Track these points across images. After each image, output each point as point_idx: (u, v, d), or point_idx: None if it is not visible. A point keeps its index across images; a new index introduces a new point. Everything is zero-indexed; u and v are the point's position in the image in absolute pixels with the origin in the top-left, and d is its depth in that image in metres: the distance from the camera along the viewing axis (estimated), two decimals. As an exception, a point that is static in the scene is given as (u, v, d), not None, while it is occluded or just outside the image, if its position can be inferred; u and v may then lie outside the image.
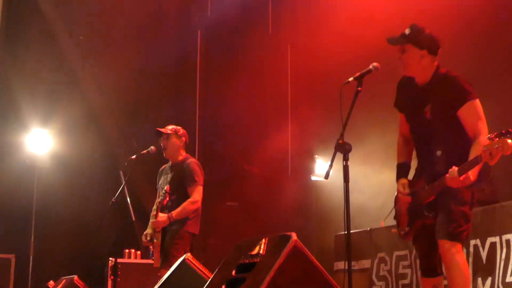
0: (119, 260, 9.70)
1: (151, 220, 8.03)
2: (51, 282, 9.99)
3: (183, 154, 8.33)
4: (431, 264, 5.48)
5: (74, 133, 12.75)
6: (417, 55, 5.40)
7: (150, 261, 8.48)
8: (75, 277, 8.92)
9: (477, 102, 5.26)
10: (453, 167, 5.06)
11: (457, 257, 5.15)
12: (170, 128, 8.31)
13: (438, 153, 5.35)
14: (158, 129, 8.30)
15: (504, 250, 7.40)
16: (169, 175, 8.24)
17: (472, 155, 5.07)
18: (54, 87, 12.96)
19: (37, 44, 13.07)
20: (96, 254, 12.03)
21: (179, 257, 6.93)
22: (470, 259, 7.78)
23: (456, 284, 5.15)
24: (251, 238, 4.95)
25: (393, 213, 5.77)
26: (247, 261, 4.72)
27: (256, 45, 13.63)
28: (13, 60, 12.93)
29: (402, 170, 5.62)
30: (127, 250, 10.98)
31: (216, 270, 5.04)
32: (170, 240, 7.89)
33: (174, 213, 7.87)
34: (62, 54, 13.23)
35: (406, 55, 5.42)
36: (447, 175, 5.09)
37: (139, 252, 10.87)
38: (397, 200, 5.69)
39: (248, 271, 4.62)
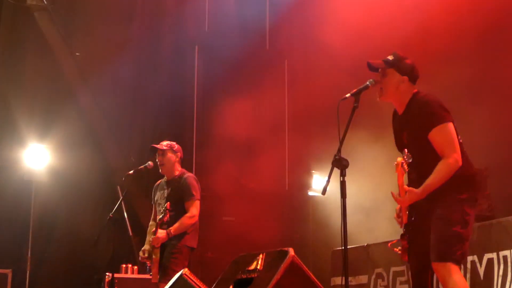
0: (116, 275, 9.69)
1: (150, 237, 8.04)
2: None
3: (179, 169, 8.33)
4: (423, 284, 5.47)
5: (72, 148, 12.74)
6: (397, 80, 5.48)
7: (147, 276, 8.46)
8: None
9: (448, 126, 5.30)
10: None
11: (452, 277, 5.12)
12: (165, 144, 8.31)
13: (413, 176, 5.40)
14: (153, 145, 8.31)
15: (502, 266, 7.38)
16: (166, 191, 8.23)
17: (431, 177, 5.19)
18: (52, 103, 12.96)
19: (34, 60, 13.08)
20: (93, 269, 12.01)
21: (178, 271, 6.93)
22: (468, 275, 7.77)
23: None
24: (248, 253, 4.95)
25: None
26: (244, 276, 4.73)
27: (254, 60, 13.67)
28: (10, 75, 12.94)
29: None
30: (124, 265, 10.96)
31: (214, 285, 5.04)
32: (169, 255, 7.89)
33: (172, 229, 7.87)
34: (59, 70, 13.24)
35: (387, 79, 5.49)
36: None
37: (136, 267, 10.84)
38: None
39: (245, 286, 4.62)
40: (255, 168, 13.15)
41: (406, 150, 5.26)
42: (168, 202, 7.89)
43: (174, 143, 8.39)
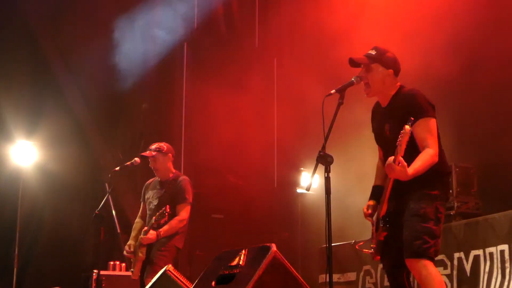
0: (103, 272, 9.68)
1: (135, 233, 8.04)
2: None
3: (173, 171, 8.33)
4: (399, 282, 5.46)
5: (59, 145, 12.71)
6: (383, 75, 5.47)
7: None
8: (58, 288, 8.89)
9: (431, 120, 5.29)
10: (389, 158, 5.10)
11: (426, 272, 5.11)
12: (153, 148, 8.28)
13: None
14: (143, 154, 8.29)
15: (488, 263, 7.41)
16: (159, 191, 8.23)
17: (417, 161, 5.13)
18: (39, 99, 12.92)
19: (21, 56, 13.03)
20: (81, 266, 11.98)
21: None
22: (455, 272, 7.80)
23: None
24: (231, 249, 4.94)
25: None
26: (227, 272, 4.71)
27: (243, 58, 13.65)
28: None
29: (373, 192, 5.63)
30: (111, 262, 10.95)
31: (197, 281, 5.03)
32: (157, 252, 7.91)
33: (162, 231, 7.89)
34: (46, 66, 13.21)
35: (372, 74, 5.47)
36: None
37: (123, 264, 10.83)
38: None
39: (227, 282, 4.61)
40: (243, 166, 13.15)
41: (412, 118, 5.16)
42: (168, 205, 7.89)
43: (163, 144, 8.36)
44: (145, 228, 7.93)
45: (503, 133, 9.17)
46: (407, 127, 4.97)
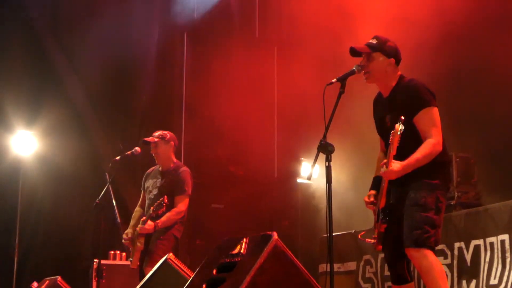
0: (104, 261, 9.69)
1: (134, 222, 8.05)
2: (35, 284, 9.96)
3: (174, 160, 8.31)
4: (400, 272, 5.46)
5: (59, 135, 12.71)
6: (385, 63, 5.46)
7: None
8: (58, 278, 8.90)
9: (433, 110, 5.28)
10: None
11: (426, 261, 5.10)
12: (156, 135, 8.27)
13: (394, 159, 5.36)
14: (145, 139, 8.28)
15: (488, 253, 7.41)
16: (159, 180, 8.22)
17: (416, 152, 5.14)
18: (39, 89, 12.91)
19: (21, 46, 13.01)
20: (81, 255, 12.00)
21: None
22: (455, 262, 7.81)
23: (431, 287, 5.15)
24: (232, 238, 4.95)
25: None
26: (228, 261, 4.72)
27: (243, 48, 13.62)
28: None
29: (374, 183, 5.62)
30: (112, 252, 10.96)
31: (198, 269, 5.04)
32: (157, 241, 7.91)
33: (159, 222, 7.87)
34: (46, 56, 13.19)
35: (374, 63, 5.45)
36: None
37: (124, 253, 10.84)
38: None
39: (228, 270, 4.61)
40: (244, 156, 13.15)
41: (402, 117, 5.16)
42: (166, 196, 7.89)
43: (166, 132, 8.35)
44: (143, 218, 7.93)
45: (504, 122, 9.17)
46: (397, 126, 4.98)
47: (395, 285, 5.56)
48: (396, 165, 5.11)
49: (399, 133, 4.98)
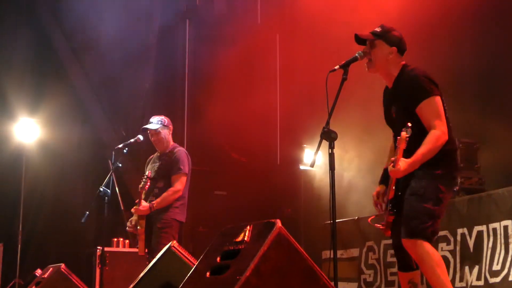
0: (107, 249, 9.71)
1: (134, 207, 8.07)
2: (38, 271, 9.99)
3: (171, 143, 8.34)
4: (406, 259, 5.47)
5: (62, 122, 12.72)
6: (386, 51, 5.48)
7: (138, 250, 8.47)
8: (62, 265, 8.92)
9: (436, 99, 5.28)
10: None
11: (422, 250, 5.08)
12: (156, 121, 8.29)
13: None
14: (145, 127, 8.29)
15: (491, 239, 7.42)
16: (157, 164, 8.24)
17: (422, 147, 5.15)
18: (42, 77, 12.91)
19: (24, 34, 13.01)
20: (84, 242, 12.02)
21: None
22: (458, 248, 7.82)
23: (431, 276, 5.15)
24: (236, 225, 4.96)
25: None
26: (231, 248, 4.73)
27: (245, 35, 13.61)
28: (0, 49, 12.88)
29: (383, 176, 5.64)
30: (115, 239, 11.00)
31: (201, 257, 5.05)
32: (158, 229, 7.91)
33: (155, 202, 7.92)
34: (48, 43, 13.18)
35: (376, 50, 5.48)
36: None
37: (127, 241, 10.88)
38: None
39: (232, 258, 4.62)
40: (246, 142, 13.14)
41: (409, 124, 5.18)
42: (149, 171, 7.91)
43: (163, 116, 8.37)
44: (137, 200, 7.95)
45: (506, 107, 9.16)
46: (403, 133, 5.01)
47: (400, 271, 5.58)
48: (403, 163, 5.11)
49: (405, 140, 5.01)
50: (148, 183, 7.85)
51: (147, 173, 7.93)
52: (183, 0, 14.07)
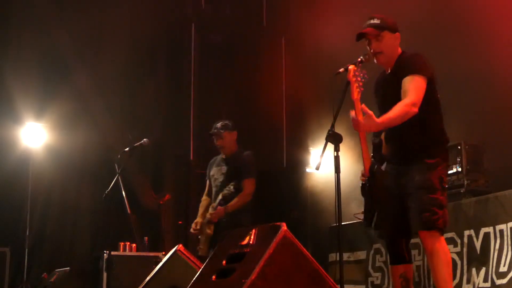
0: (114, 253, 9.71)
1: (202, 210, 8.24)
2: (45, 275, 10.01)
3: (237, 146, 8.52)
4: (399, 251, 5.49)
5: (69, 127, 12.71)
6: (394, 39, 5.55)
7: (145, 253, 8.49)
8: (68, 269, 8.94)
9: (420, 78, 5.31)
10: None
11: (437, 245, 5.18)
12: (219, 125, 8.45)
13: (389, 131, 5.43)
14: (211, 132, 8.47)
15: (498, 241, 7.40)
16: (224, 167, 8.37)
17: (390, 111, 5.19)
18: (48, 81, 12.90)
19: (30, 38, 13.01)
20: (91, 246, 12.02)
21: None
22: (465, 250, 7.80)
23: (438, 271, 5.20)
24: (241, 228, 4.97)
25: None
26: (237, 251, 4.74)
27: (251, 38, 13.62)
28: (6, 54, 12.88)
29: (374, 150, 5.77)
30: (122, 243, 10.99)
31: (207, 260, 5.06)
32: (223, 231, 7.98)
33: (229, 206, 8.05)
34: (55, 48, 13.18)
35: (384, 41, 5.53)
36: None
37: (134, 244, 10.87)
38: None
39: (238, 261, 4.64)
40: (252, 146, 13.11)
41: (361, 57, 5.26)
42: (234, 181, 8.17)
43: (227, 121, 8.59)
44: (213, 204, 8.09)
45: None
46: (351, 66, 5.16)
47: (393, 265, 5.60)
48: (368, 119, 5.12)
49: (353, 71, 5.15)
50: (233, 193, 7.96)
51: (232, 183, 8.01)
52: (189, 4, 14.09)
